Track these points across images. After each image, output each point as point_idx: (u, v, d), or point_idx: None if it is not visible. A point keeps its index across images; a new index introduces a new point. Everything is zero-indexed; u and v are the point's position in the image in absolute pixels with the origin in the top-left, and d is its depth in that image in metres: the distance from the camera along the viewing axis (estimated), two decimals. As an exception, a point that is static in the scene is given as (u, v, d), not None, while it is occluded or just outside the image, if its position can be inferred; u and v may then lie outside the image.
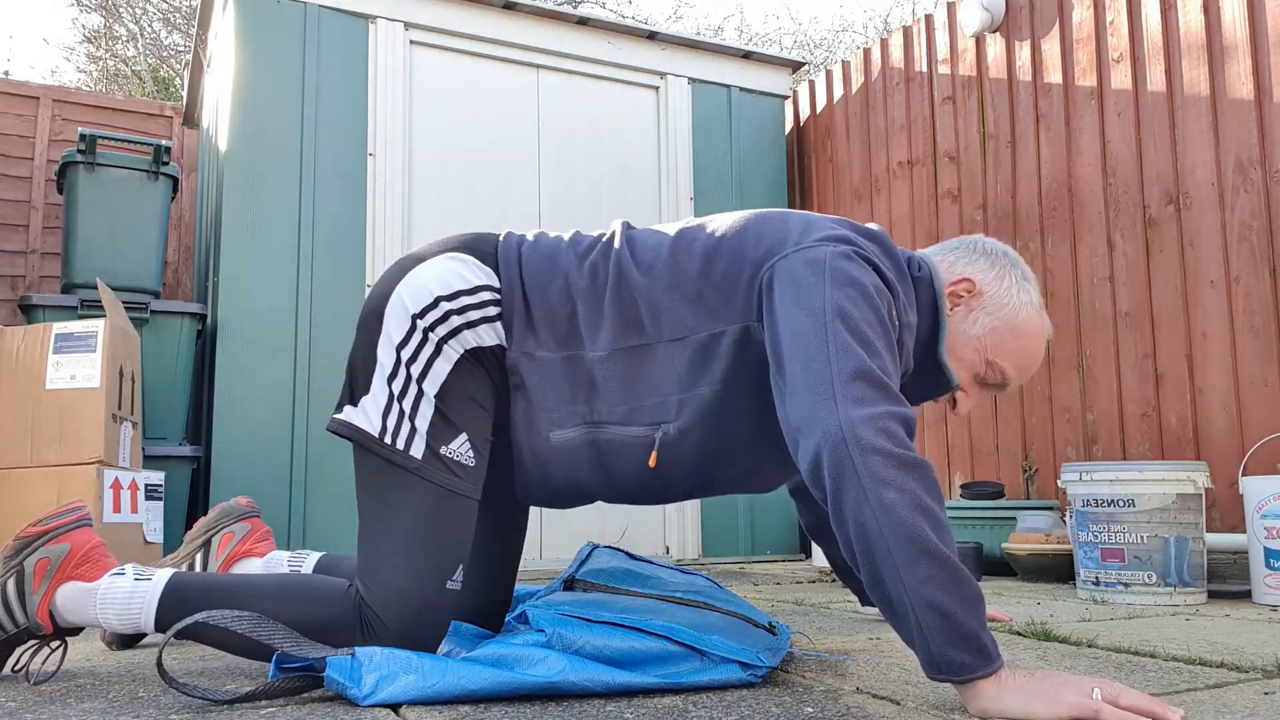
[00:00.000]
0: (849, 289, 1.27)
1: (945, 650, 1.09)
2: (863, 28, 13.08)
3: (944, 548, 1.11)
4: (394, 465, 1.39)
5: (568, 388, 1.41)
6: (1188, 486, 2.43)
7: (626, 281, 1.42)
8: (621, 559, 1.68)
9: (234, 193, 3.44)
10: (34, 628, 1.39)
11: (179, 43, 9.74)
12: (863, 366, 1.20)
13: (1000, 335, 1.47)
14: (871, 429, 1.15)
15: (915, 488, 1.13)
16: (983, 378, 1.49)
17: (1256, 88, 2.91)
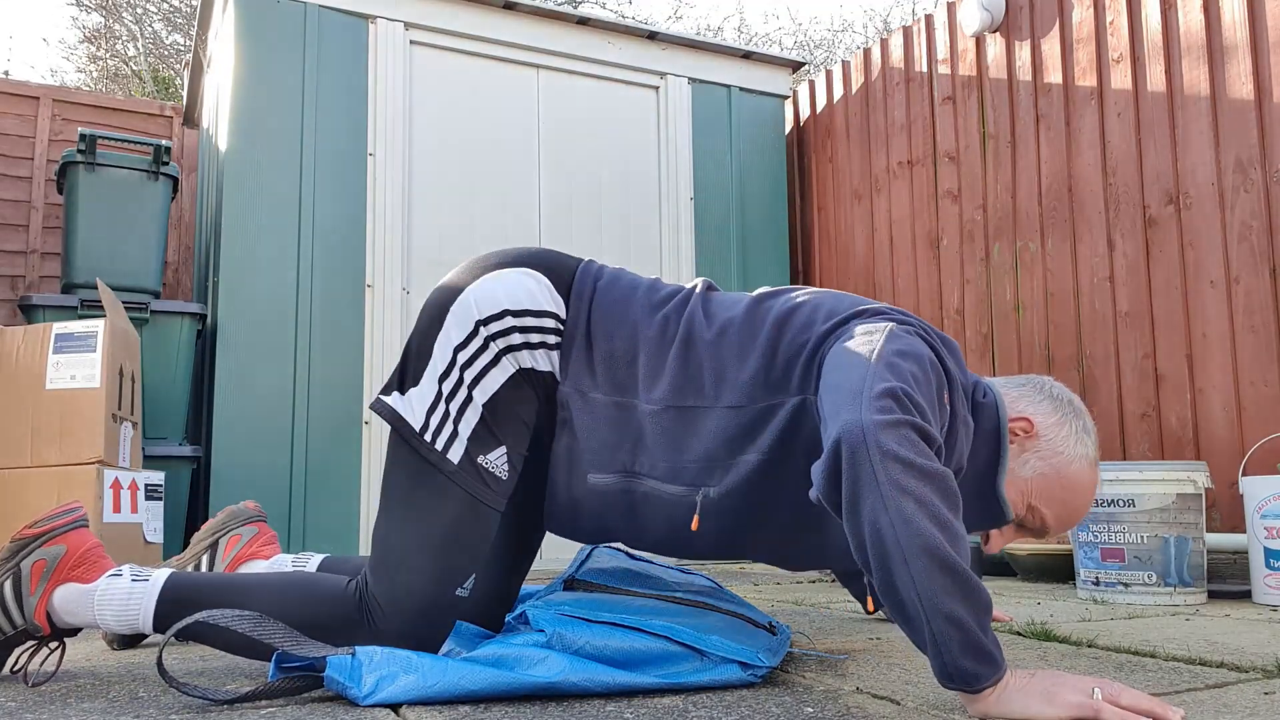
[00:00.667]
0: (901, 352, 1.24)
1: (959, 661, 1.09)
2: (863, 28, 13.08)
3: (960, 560, 1.10)
4: (429, 464, 1.39)
5: (614, 434, 1.40)
6: (1188, 486, 2.43)
7: (695, 340, 1.40)
8: (622, 559, 1.68)
9: (234, 193, 3.44)
10: (32, 629, 1.38)
11: (179, 42, 9.74)
12: (897, 388, 1.17)
13: (1049, 482, 1.41)
14: (894, 435, 1.12)
15: (934, 499, 1.11)
16: (1021, 519, 1.44)
17: (1256, 88, 2.91)
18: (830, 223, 4.52)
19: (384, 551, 1.38)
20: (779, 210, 4.49)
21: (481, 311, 1.41)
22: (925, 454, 1.13)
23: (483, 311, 1.41)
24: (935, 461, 1.13)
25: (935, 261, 3.95)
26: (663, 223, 4.20)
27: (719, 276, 4.27)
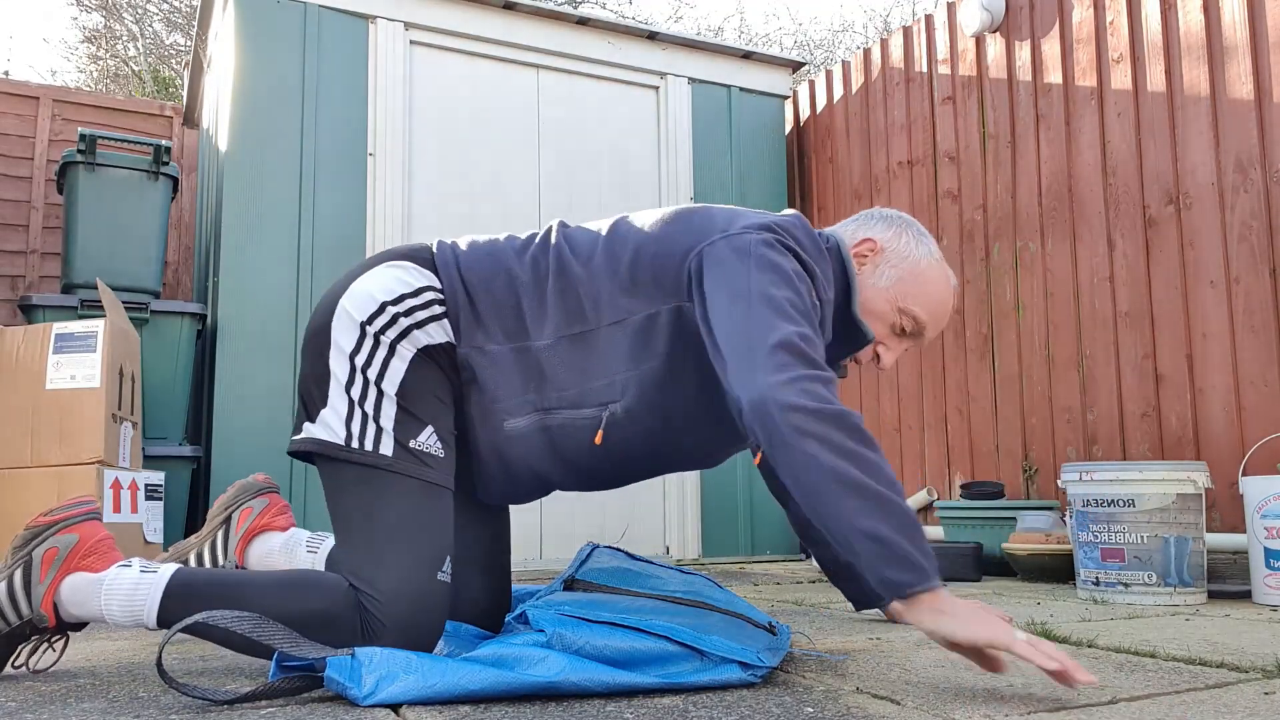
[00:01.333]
0: (771, 273, 1.37)
1: (884, 573, 1.19)
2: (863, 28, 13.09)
3: (872, 481, 1.21)
4: (368, 467, 1.41)
5: (519, 378, 1.46)
6: (1188, 486, 2.43)
7: (567, 271, 1.48)
8: (621, 559, 1.68)
9: (234, 193, 3.44)
10: (37, 619, 1.38)
11: (180, 43, 9.74)
12: (783, 337, 1.29)
13: (906, 283, 1.55)
14: (790, 390, 1.25)
15: (836, 435, 1.23)
16: (899, 326, 1.56)
17: (1256, 88, 2.91)
18: (830, 223, 4.52)
19: (358, 563, 1.38)
20: (779, 210, 4.48)
21: (362, 313, 1.45)
22: (823, 399, 1.25)
23: (363, 313, 1.45)
24: (834, 403, 1.26)
25: (935, 261, 3.95)
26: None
27: (719, 276, 4.27)
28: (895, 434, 4.09)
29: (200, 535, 1.84)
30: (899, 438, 4.07)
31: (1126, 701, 1.22)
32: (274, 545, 1.78)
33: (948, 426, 3.85)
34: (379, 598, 1.35)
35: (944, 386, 3.88)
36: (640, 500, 3.98)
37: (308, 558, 1.73)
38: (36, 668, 1.46)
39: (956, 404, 3.81)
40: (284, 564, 1.74)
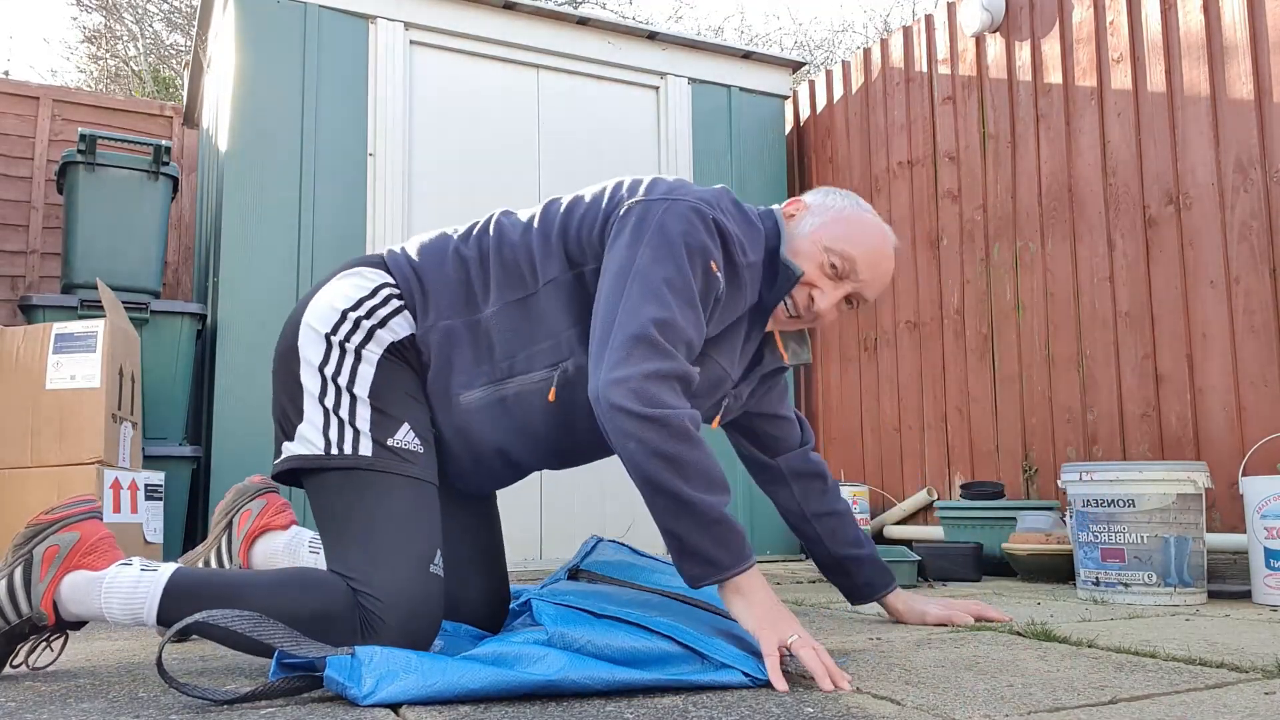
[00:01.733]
0: (661, 248, 1.42)
1: (681, 564, 1.37)
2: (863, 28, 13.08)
3: (676, 483, 1.32)
4: (350, 470, 1.42)
5: (470, 351, 1.50)
6: (1188, 486, 2.43)
7: (505, 244, 1.55)
8: (626, 553, 1.68)
9: (234, 193, 3.44)
10: (36, 617, 1.39)
11: (180, 43, 9.74)
12: (637, 329, 1.36)
13: (830, 225, 1.61)
14: (619, 391, 1.33)
15: (652, 437, 1.32)
16: (828, 265, 1.59)
17: (1256, 88, 2.91)
18: (830, 223, 4.51)
19: (352, 564, 1.38)
20: (779, 210, 4.48)
21: (325, 325, 1.49)
22: (651, 401, 1.34)
23: (326, 325, 1.49)
24: (663, 407, 1.34)
25: (935, 261, 3.95)
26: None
27: (719, 276, 4.27)
28: (895, 434, 4.09)
29: (206, 544, 1.86)
30: (899, 438, 4.07)
31: (1126, 702, 1.22)
32: (277, 546, 1.79)
33: (948, 426, 3.85)
34: (378, 596, 1.35)
35: (944, 386, 3.88)
36: (641, 500, 3.98)
37: (310, 557, 1.74)
38: (35, 665, 1.46)
39: (956, 404, 3.81)
40: (287, 564, 1.74)
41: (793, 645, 1.32)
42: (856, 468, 4.26)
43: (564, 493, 3.87)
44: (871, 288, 1.62)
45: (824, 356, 4.49)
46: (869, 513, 3.84)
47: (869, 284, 1.61)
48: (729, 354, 1.61)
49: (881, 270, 1.62)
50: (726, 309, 1.54)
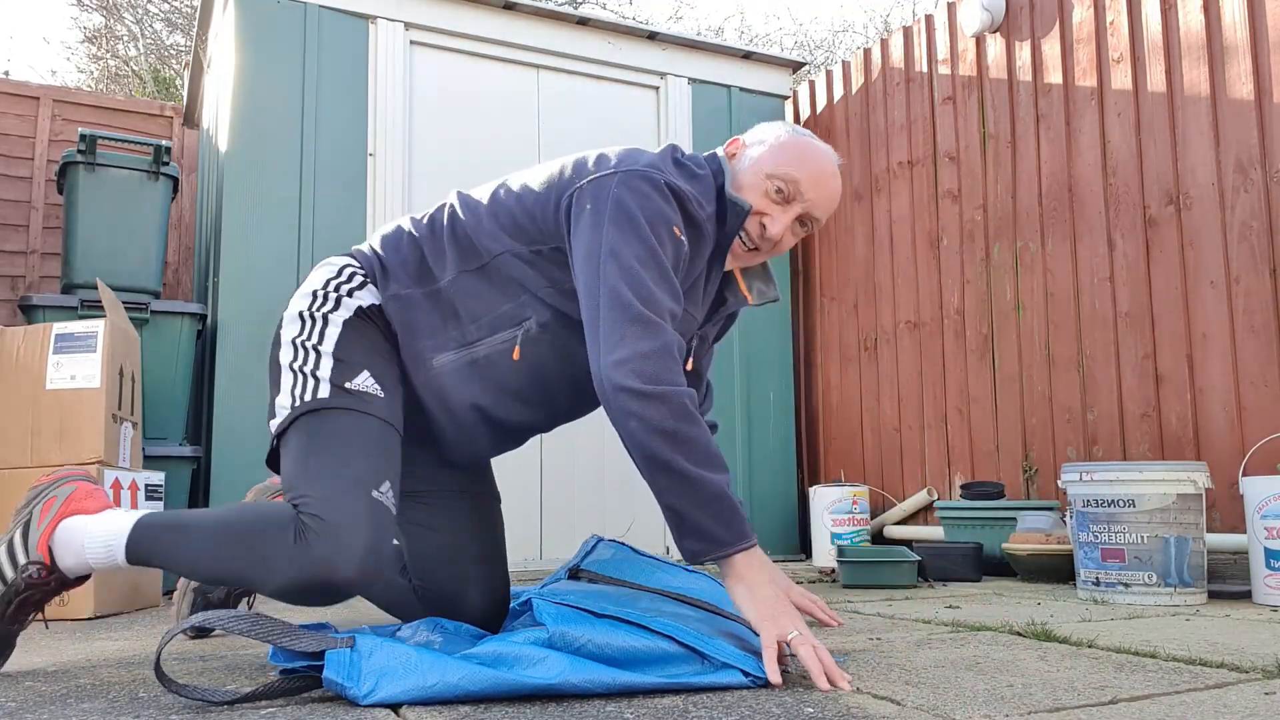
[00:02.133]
0: (625, 225, 1.45)
1: (682, 542, 1.38)
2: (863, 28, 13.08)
3: (678, 460, 1.35)
4: (306, 414, 1.46)
5: (436, 317, 1.56)
6: (1188, 487, 2.42)
7: (457, 222, 1.59)
8: (626, 553, 1.68)
9: (234, 193, 3.44)
10: (33, 560, 1.44)
11: (180, 43, 9.74)
12: (626, 310, 1.40)
13: (770, 153, 1.63)
14: (621, 372, 1.37)
15: (654, 415, 1.35)
16: (773, 190, 1.60)
17: (1256, 88, 2.91)
18: (830, 222, 4.52)
19: (293, 483, 1.42)
20: (779, 210, 4.49)
21: (301, 305, 1.58)
22: (651, 379, 1.37)
23: (302, 305, 1.58)
24: (662, 384, 1.37)
25: (935, 261, 3.95)
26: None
27: (719, 277, 4.27)
28: (895, 434, 4.08)
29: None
30: (899, 438, 4.07)
31: (1127, 702, 1.22)
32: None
33: (948, 426, 3.85)
34: (309, 502, 1.36)
35: (944, 386, 3.88)
36: (641, 500, 3.98)
37: None
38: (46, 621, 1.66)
39: (956, 404, 3.81)
40: None
41: (792, 641, 1.32)
42: (856, 468, 4.26)
43: (564, 493, 3.87)
44: (820, 206, 1.64)
45: (824, 356, 4.49)
46: (869, 513, 3.84)
47: (816, 202, 1.63)
48: (694, 300, 1.64)
49: (828, 188, 1.64)
50: (693, 265, 1.58)
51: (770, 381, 4.32)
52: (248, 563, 1.36)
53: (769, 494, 4.22)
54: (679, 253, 1.50)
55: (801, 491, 4.36)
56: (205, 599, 1.85)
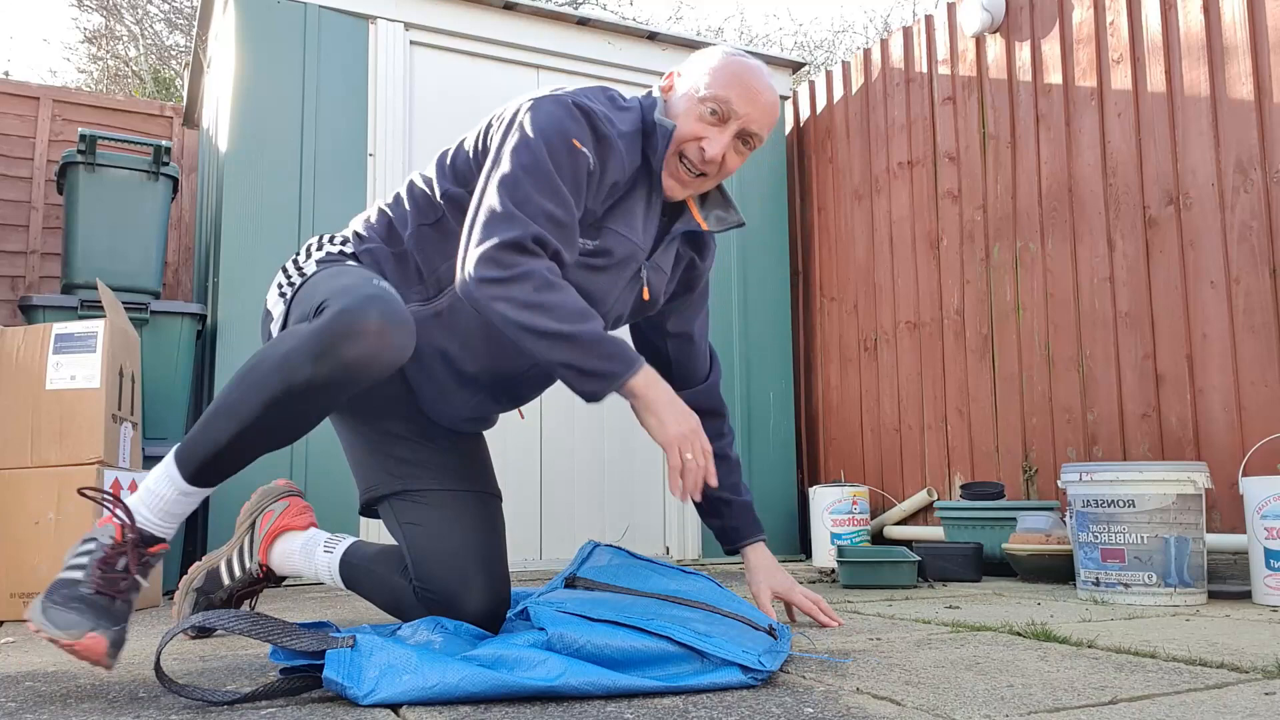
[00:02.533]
0: (521, 141, 1.52)
1: (582, 387, 1.47)
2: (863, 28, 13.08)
3: (550, 325, 1.43)
4: (294, 294, 1.59)
5: (399, 274, 1.65)
6: (1188, 487, 2.42)
7: (412, 183, 1.72)
8: (623, 558, 1.68)
9: (234, 193, 3.44)
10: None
11: (180, 43, 9.74)
12: (494, 213, 1.48)
13: (698, 78, 1.66)
14: (480, 265, 1.46)
15: (517, 293, 1.44)
16: (706, 113, 1.64)
17: (1257, 88, 2.91)
18: (830, 223, 4.52)
19: (295, 320, 1.52)
20: (779, 210, 4.49)
21: (280, 271, 1.69)
22: (506, 265, 1.45)
23: (281, 271, 1.69)
24: (517, 266, 1.45)
25: (935, 261, 3.95)
26: (663, 223, 4.20)
27: (719, 277, 4.27)
28: (895, 434, 4.08)
29: (230, 543, 1.93)
30: (899, 438, 4.07)
31: (1127, 702, 1.22)
32: (294, 546, 1.83)
33: (948, 426, 3.85)
34: (327, 303, 1.38)
35: (944, 386, 3.88)
36: (640, 500, 3.98)
37: (325, 557, 1.77)
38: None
39: (956, 404, 3.81)
40: (302, 564, 1.79)
41: (688, 459, 1.47)
42: (856, 468, 4.26)
43: (564, 493, 3.87)
44: (756, 120, 1.66)
45: (824, 356, 4.49)
46: (869, 513, 3.84)
47: (752, 117, 1.65)
48: (628, 222, 1.67)
49: (762, 101, 1.66)
50: (606, 179, 1.61)
51: (770, 381, 4.32)
52: (268, 371, 1.36)
53: (769, 494, 4.22)
54: (578, 164, 1.54)
55: (801, 492, 4.36)
56: (207, 599, 1.85)
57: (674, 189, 1.70)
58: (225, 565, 1.87)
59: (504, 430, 3.73)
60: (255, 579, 1.87)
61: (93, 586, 1.31)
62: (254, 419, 1.37)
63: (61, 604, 1.28)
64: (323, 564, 1.77)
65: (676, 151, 1.67)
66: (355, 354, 1.30)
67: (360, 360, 1.31)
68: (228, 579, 1.86)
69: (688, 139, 1.65)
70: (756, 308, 4.34)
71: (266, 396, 1.35)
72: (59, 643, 1.26)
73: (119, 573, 1.34)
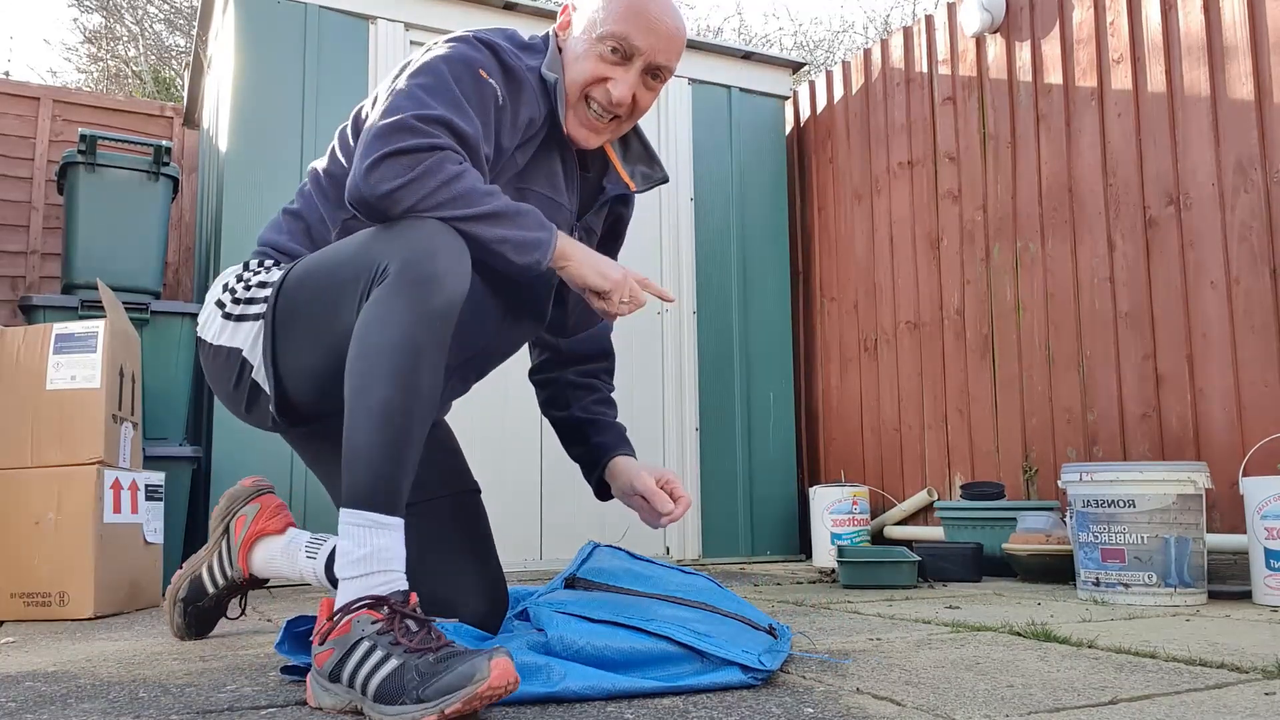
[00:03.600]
0: (420, 69, 1.44)
1: (524, 259, 1.39)
2: (863, 28, 13.08)
3: (474, 209, 1.35)
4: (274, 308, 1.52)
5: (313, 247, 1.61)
6: (1188, 487, 2.42)
7: (321, 176, 1.63)
8: (623, 558, 1.68)
9: (234, 193, 3.44)
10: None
11: (180, 43, 9.74)
12: (390, 120, 1.35)
13: (592, 16, 1.58)
14: (374, 175, 1.33)
15: (428, 188, 1.33)
16: (605, 53, 1.56)
17: (1257, 88, 2.91)
18: (830, 223, 4.52)
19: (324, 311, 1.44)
20: (779, 211, 4.49)
21: (212, 299, 1.65)
22: (402, 169, 1.32)
23: (213, 298, 1.65)
24: (419, 163, 1.33)
25: (935, 261, 3.95)
26: (662, 223, 4.20)
27: (719, 276, 4.27)
28: (895, 434, 4.08)
29: (207, 549, 1.87)
30: (899, 438, 4.07)
31: (1127, 702, 1.22)
32: (274, 551, 1.78)
33: (948, 426, 3.85)
34: (387, 267, 1.32)
35: (944, 386, 3.88)
36: (640, 500, 3.97)
37: (308, 563, 1.73)
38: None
39: (956, 404, 3.81)
40: (286, 568, 1.75)
41: (624, 305, 1.46)
42: (856, 468, 4.26)
43: (564, 493, 3.86)
44: (662, 52, 1.57)
45: (824, 357, 4.49)
46: (869, 513, 3.84)
47: (656, 49, 1.56)
48: (549, 182, 1.60)
49: (662, 30, 1.56)
50: (520, 115, 1.53)
51: (770, 382, 4.32)
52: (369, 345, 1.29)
53: (769, 494, 4.22)
54: (485, 93, 1.46)
55: (801, 492, 4.36)
56: (196, 608, 1.84)
57: (588, 138, 1.61)
58: (207, 573, 1.82)
59: (504, 430, 3.72)
60: (239, 585, 1.82)
61: (412, 658, 1.15)
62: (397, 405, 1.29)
63: (415, 686, 1.11)
64: (308, 569, 1.72)
65: (582, 96, 1.58)
66: (445, 296, 1.30)
67: (453, 299, 1.31)
68: (211, 587, 1.82)
69: (592, 81, 1.56)
70: (756, 308, 4.34)
71: (396, 380, 1.27)
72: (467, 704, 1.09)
73: (416, 633, 1.19)
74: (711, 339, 4.21)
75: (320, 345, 1.44)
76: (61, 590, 2.33)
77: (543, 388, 1.93)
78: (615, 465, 1.79)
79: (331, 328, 1.40)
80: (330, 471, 1.69)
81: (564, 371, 1.89)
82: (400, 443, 1.27)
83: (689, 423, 4.10)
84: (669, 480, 1.71)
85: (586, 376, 1.89)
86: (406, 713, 1.09)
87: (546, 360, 1.91)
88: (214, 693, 1.31)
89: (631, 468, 1.76)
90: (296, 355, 1.48)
